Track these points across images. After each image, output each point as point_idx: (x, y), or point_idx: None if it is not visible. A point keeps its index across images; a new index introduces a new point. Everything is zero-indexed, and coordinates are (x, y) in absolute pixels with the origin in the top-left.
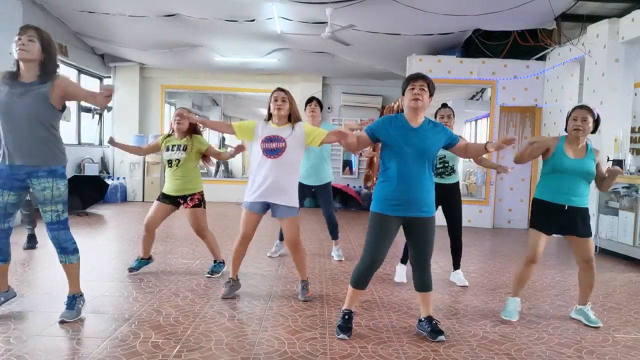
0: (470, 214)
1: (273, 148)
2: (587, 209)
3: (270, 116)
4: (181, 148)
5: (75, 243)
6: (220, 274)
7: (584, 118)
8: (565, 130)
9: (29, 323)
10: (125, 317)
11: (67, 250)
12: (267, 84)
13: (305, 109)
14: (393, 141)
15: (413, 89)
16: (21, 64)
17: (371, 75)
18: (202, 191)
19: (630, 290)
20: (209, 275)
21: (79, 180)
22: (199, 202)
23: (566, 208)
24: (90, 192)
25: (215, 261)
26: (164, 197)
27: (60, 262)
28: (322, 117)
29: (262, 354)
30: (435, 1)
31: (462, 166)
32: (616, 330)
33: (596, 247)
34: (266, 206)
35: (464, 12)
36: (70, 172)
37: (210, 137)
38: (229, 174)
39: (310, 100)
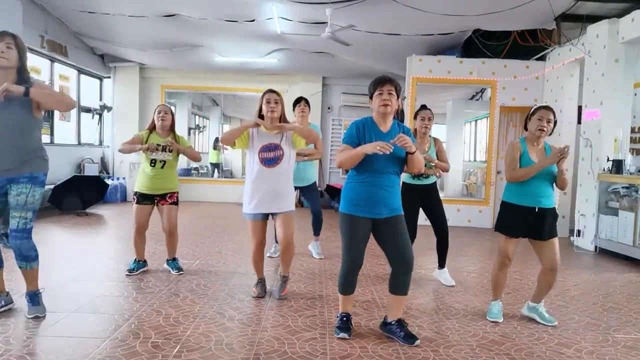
0: (470, 214)
1: (271, 157)
2: (554, 209)
3: (261, 118)
4: (167, 149)
5: (36, 250)
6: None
7: (548, 119)
8: (525, 128)
9: (29, 323)
10: (125, 317)
11: (30, 258)
12: (267, 84)
13: (294, 110)
14: (365, 143)
15: (381, 93)
16: None
17: (371, 75)
18: (178, 191)
19: (630, 290)
20: (182, 272)
21: (79, 180)
22: (176, 200)
23: (537, 210)
24: (90, 192)
25: (175, 259)
26: (143, 199)
27: (19, 267)
28: (322, 117)
29: (262, 354)
30: (435, 1)
31: (462, 166)
32: (616, 330)
33: (596, 247)
34: (267, 214)
35: (464, 12)
36: (70, 172)
37: (211, 137)
38: (221, 174)
39: (298, 100)
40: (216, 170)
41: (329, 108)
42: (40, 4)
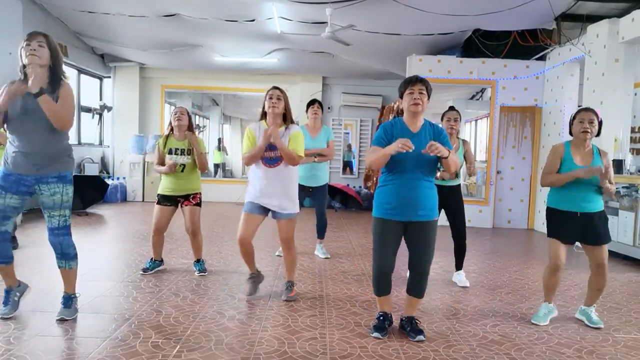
0: (470, 214)
1: (272, 157)
2: (602, 212)
3: (264, 115)
4: (185, 152)
5: (75, 249)
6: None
7: (590, 120)
8: (570, 134)
9: (29, 323)
10: (125, 317)
11: (69, 256)
12: (267, 84)
13: (307, 111)
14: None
15: (412, 93)
16: (29, 70)
17: (371, 75)
18: (201, 192)
19: (630, 290)
20: (204, 274)
21: (79, 180)
22: (199, 201)
23: (579, 215)
24: (90, 192)
25: (199, 260)
26: (164, 200)
27: (59, 266)
28: (322, 117)
29: (262, 354)
30: (435, 1)
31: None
32: (616, 330)
33: None
34: (267, 210)
35: (464, 12)
36: None
37: (211, 136)
38: (224, 173)
39: (312, 102)
40: (219, 169)
41: (329, 108)
42: (40, 4)
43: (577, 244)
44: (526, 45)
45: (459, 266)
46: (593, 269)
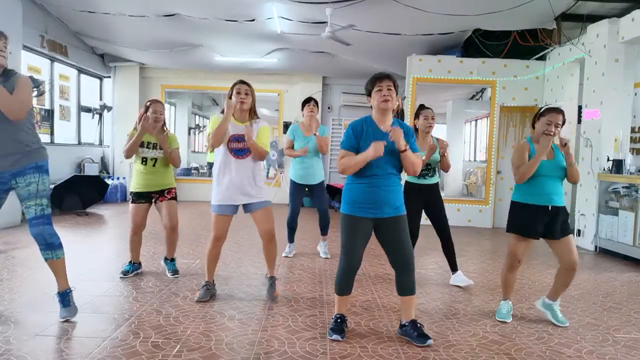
0: (470, 214)
1: (240, 148)
2: (565, 207)
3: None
4: (157, 147)
5: (59, 238)
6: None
7: (557, 124)
8: (532, 127)
9: (29, 323)
10: (125, 317)
11: (53, 246)
12: (267, 83)
13: (302, 109)
14: (363, 144)
15: (381, 89)
16: None
17: (371, 75)
18: (175, 187)
19: (630, 290)
20: (177, 275)
21: (79, 180)
22: (175, 195)
23: (550, 208)
24: (90, 192)
25: (173, 259)
26: (138, 197)
27: (46, 259)
28: (322, 117)
29: (262, 354)
30: (435, 1)
31: (462, 166)
32: (616, 330)
33: (596, 247)
34: (236, 207)
35: (464, 12)
36: (70, 172)
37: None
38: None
39: (308, 100)
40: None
41: (329, 108)
42: (40, 4)
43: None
44: (526, 45)
45: (454, 267)
46: (566, 266)
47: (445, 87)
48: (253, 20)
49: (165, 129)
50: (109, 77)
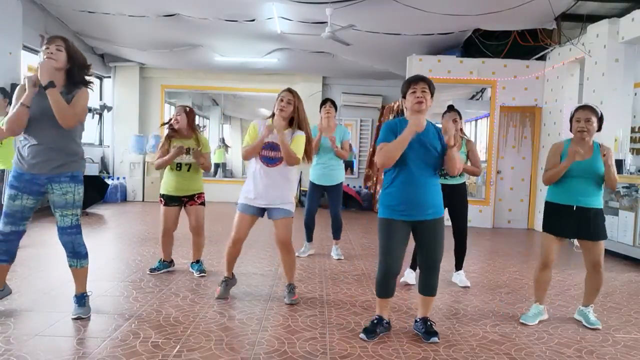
0: (470, 214)
1: (272, 157)
2: (599, 210)
3: (273, 115)
4: (190, 152)
5: (86, 248)
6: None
7: (587, 119)
8: (570, 131)
9: (29, 323)
10: (125, 317)
11: (80, 255)
12: (267, 84)
13: (320, 111)
14: None
15: (415, 92)
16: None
17: (371, 75)
18: (204, 192)
19: (630, 290)
20: (204, 275)
21: None
22: (204, 201)
23: (574, 209)
24: (90, 192)
25: (199, 261)
26: (170, 200)
27: (70, 266)
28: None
29: (262, 354)
30: (435, 1)
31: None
32: (616, 330)
33: None
34: (262, 211)
35: (464, 12)
36: None
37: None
38: (225, 173)
39: (324, 102)
40: (219, 169)
41: None
42: (40, 4)
43: (576, 243)
44: (526, 45)
45: (459, 266)
46: (589, 268)
47: (445, 87)
48: (253, 20)
49: (198, 136)
50: (109, 77)
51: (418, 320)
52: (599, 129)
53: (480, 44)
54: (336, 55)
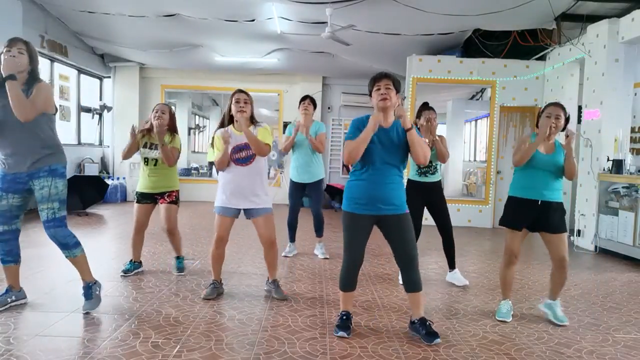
0: (470, 214)
1: (243, 157)
2: (561, 204)
3: (230, 119)
4: (156, 146)
5: (75, 237)
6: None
7: (557, 116)
8: (537, 126)
9: (29, 323)
10: (125, 317)
11: (68, 246)
12: (267, 83)
13: (299, 107)
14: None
15: (379, 89)
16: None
17: (371, 75)
18: (178, 189)
19: (630, 290)
20: (182, 274)
21: (79, 180)
22: (176, 199)
23: (539, 203)
24: (90, 192)
25: (179, 257)
26: (142, 197)
27: (66, 257)
28: (322, 117)
29: (262, 354)
30: (435, 1)
31: (462, 166)
32: (616, 330)
33: (596, 247)
34: (238, 211)
35: (464, 12)
36: (70, 172)
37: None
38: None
39: (304, 98)
40: (214, 169)
41: (329, 108)
42: (40, 4)
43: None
44: (526, 45)
45: (452, 265)
46: (555, 263)
47: (445, 87)
48: (253, 20)
49: (173, 133)
50: (109, 77)
51: (415, 321)
52: (564, 128)
53: (480, 44)
54: (336, 55)
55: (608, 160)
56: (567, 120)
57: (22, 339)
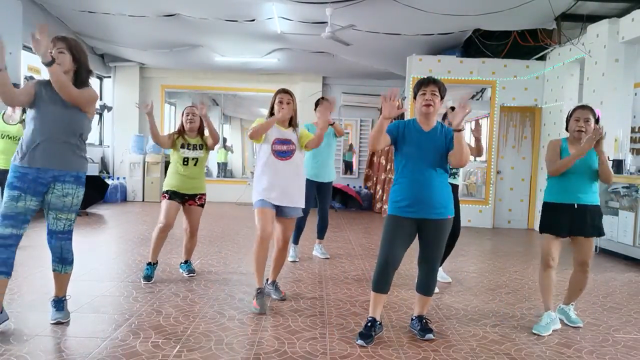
0: (470, 214)
1: (284, 150)
2: (598, 206)
3: (271, 115)
4: (198, 147)
5: (73, 254)
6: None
7: (586, 119)
8: (566, 130)
9: (29, 323)
10: (125, 317)
11: (67, 261)
12: (267, 84)
13: (315, 110)
14: (405, 144)
15: (424, 94)
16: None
17: (371, 75)
18: (206, 193)
19: (630, 290)
20: (193, 275)
21: None
22: (204, 202)
23: (576, 207)
24: (90, 192)
25: (187, 261)
26: (174, 195)
27: (54, 270)
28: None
29: (262, 354)
30: (435, 1)
31: None
32: (616, 330)
33: (596, 247)
34: (275, 206)
35: (464, 12)
36: None
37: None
38: (225, 173)
39: (319, 101)
40: (220, 170)
41: None
42: (40, 4)
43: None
44: (526, 45)
45: (441, 262)
46: (576, 266)
47: (445, 87)
48: (253, 20)
49: (204, 133)
50: (109, 77)
51: (414, 318)
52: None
53: (480, 44)
54: (336, 55)
55: (608, 160)
56: (597, 122)
57: (22, 339)
